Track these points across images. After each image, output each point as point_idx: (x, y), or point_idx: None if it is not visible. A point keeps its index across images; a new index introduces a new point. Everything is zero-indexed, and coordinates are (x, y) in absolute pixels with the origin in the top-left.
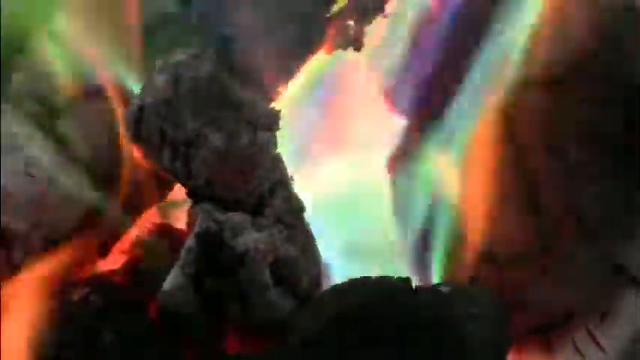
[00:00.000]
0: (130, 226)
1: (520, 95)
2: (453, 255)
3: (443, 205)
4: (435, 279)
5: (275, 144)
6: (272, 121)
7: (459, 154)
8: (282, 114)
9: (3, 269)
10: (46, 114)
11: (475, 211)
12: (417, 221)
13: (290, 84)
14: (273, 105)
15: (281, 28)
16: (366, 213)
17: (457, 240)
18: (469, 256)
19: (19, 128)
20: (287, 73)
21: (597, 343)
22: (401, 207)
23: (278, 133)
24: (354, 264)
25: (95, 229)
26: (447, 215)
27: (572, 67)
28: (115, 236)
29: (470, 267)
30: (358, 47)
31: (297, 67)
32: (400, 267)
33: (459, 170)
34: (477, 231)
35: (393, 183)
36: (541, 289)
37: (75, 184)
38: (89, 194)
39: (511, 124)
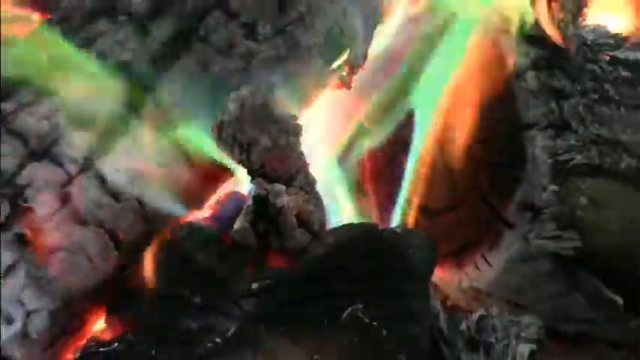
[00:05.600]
0: (215, 192)
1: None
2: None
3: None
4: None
5: (300, 144)
6: (298, 131)
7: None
8: (303, 127)
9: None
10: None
11: (419, 183)
12: None
13: (309, 108)
14: (298, 121)
15: (304, 75)
16: None
17: (407, 202)
18: (414, 211)
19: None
20: (307, 102)
21: (488, 263)
22: None
23: (301, 138)
24: None
25: (190, 194)
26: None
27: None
28: (206, 196)
29: (414, 217)
30: (349, 88)
31: (314, 99)
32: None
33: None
34: (419, 195)
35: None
36: (454, 229)
37: (179, 167)
38: (185, 172)
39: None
